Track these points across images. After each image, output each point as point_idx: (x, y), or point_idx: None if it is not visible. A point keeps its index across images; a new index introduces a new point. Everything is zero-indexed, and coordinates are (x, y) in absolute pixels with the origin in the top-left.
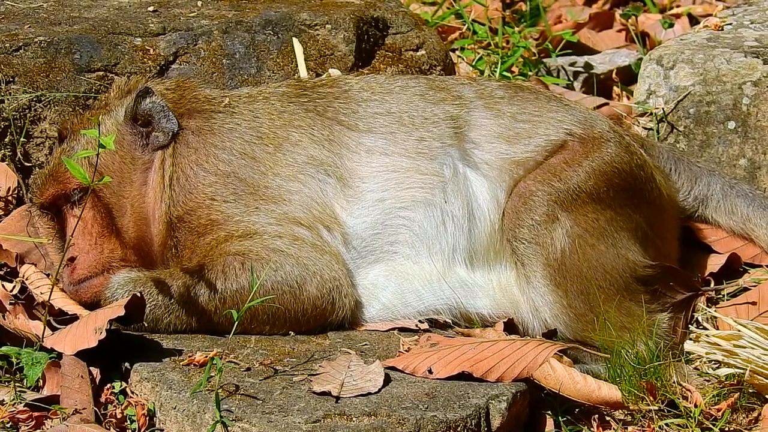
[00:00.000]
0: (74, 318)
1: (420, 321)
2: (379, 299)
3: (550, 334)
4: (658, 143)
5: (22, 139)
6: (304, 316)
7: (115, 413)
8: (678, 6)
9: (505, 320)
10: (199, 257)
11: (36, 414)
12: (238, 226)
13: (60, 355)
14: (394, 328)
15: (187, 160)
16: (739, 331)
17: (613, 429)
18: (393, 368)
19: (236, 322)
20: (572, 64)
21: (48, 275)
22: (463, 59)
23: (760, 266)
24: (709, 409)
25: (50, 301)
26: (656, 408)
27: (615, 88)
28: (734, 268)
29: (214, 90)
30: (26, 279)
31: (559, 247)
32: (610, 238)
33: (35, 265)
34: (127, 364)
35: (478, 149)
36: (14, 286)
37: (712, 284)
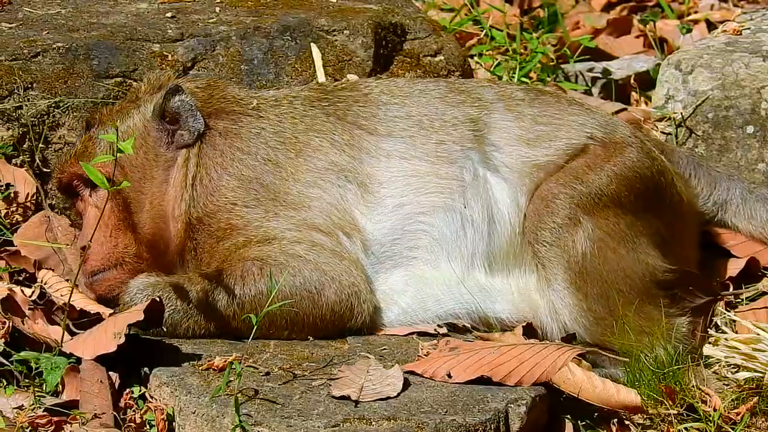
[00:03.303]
0: (94, 322)
1: (439, 325)
2: (398, 303)
3: (569, 339)
4: (678, 148)
5: (40, 145)
6: (322, 322)
7: (135, 418)
8: (696, 12)
9: (524, 324)
10: (217, 262)
11: (55, 419)
12: (257, 231)
13: (79, 360)
14: (412, 333)
15: (212, 162)
16: (758, 334)
17: None
18: (412, 372)
19: (255, 327)
20: (590, 70)
21: (67, 280)
22: (481, 65)
23: None
24: (728, 412)
25: (71, 302)
26: (675, 412)
27: (633, 93)
28: (753, 272)
29: (242, 90)
30: (45, 284)
31: (581, 250)
32: (631, 242)
33: (53, 270)
34: (146, 369)
35: (498, 152)
36: (33, 292)
37: (731, 288)
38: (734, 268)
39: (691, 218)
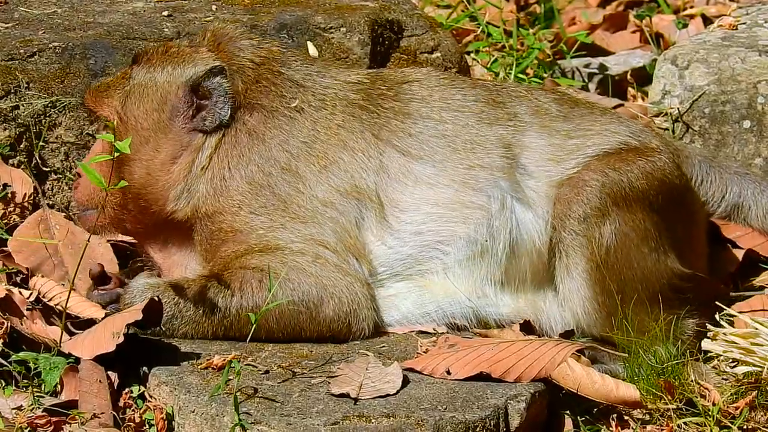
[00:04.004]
0: (92, 322)
1: (437, 325)
2: (398, 308)
3: (568, 334)
4: (692, 149)
5: (40, 144)
6: (319, 335)
7: (134, 417)
8: (692, 6)
9: (521, 321)
10: (218, 267)
11: (54, 419)
12: (260, 240)
13: (78, 360)
14: (411, 331)
15: (229, 161)
16: (756, 329)
17: (632, 428)
18: (411, 370)
19: (249, 336)
20: (587, 66)
21: (62, 284)
22: (477, 61)
23: None
24: (727, 407)
25: (67, 308)
26: (674, 407)
27: (630, 89)
28: (753, 264)
29: (299, 71)
30: (39, 293)
31: (605, 243)
32: (654, 242)
33: (45, 276)
34: (145, 368)
35: (529, 178)
36: (31, 293)
37: (734, 282)
38: (736, 261)
39: (704, 228)
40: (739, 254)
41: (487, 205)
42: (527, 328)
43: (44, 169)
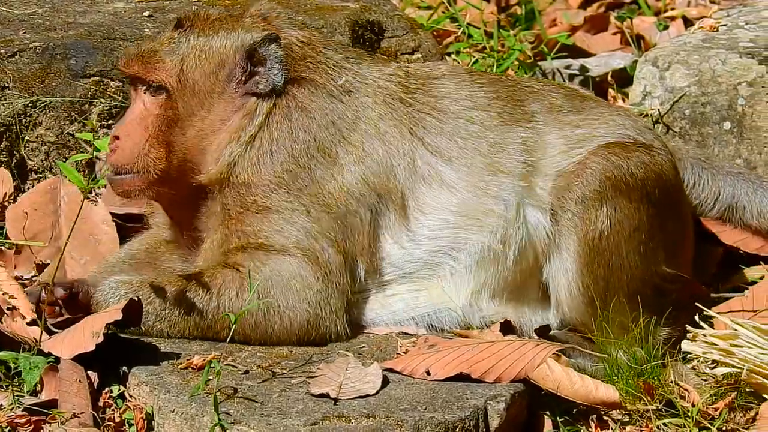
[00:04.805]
0: (72, 322)
1: (417, 324)
2: (391, 308)
3: (543, 330)
4: (687, 152)
5: (23, 143)
6: (295, 344)
7: (114, 417)
8: (672, 8)
9: (502, 321)
10: (207, 260)
11: (34, 418)
12: (273, 229)
13: (58, 360)
14: (392, 332)
15: (278, 134)
16: (736, 330)
17: (611, 429)
18: (391, 370)
19: (228, 338)
20: (568, 67)
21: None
22: (458, 63)
23: (758, 263)
24: (707, 408)
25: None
26: (654, 408)
27: (610, 90)
28: (733, 262)
29: (338, 51)
30: None
31: (600, 227)
32: (645, 235)
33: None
34: (125, 368)
35: (542, 177)
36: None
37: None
38: (717, 258)
39: (692, 229)
40: (720, 251)
41: (504, 212)
42: (507, 328)
43: (25, 169)
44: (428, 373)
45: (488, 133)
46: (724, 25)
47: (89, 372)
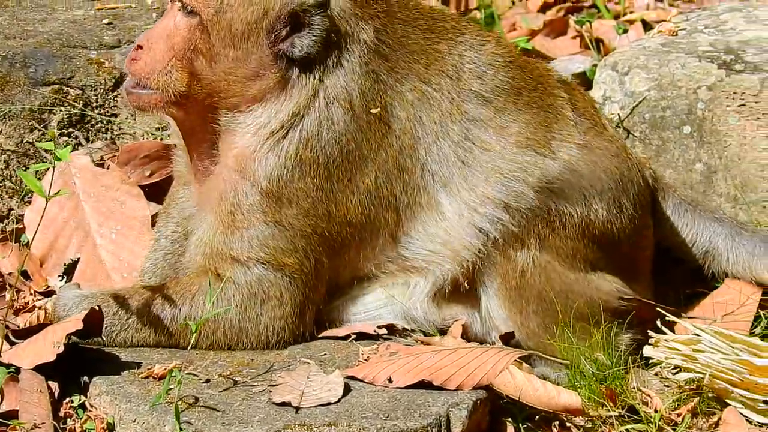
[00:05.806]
0: (32, 332)
1: (378, 326)
2: (365, 304)
3: (507, 338)
4: (672, 190)
5: None
6: (259, 351)
7: (75, 428)
8: (632, 12)
9: (462, 323)
10: (190, 260)
11: None
12: (241, 249)
13: (18, 370)
14: (352, 333)
15: (312, 144)
16: (698, 335)
17: None
18: (353, 378)
19: (190, 345)
20: None
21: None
22: None
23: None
24: (670, 413)
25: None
26: (616, 414)
27: None
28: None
29: (414, 32)
30: None
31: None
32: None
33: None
34: (85, 378)
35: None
36: None
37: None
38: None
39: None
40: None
41: (484, 242)
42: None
43: None
44: (390, 381)
45: (505, 155)
46: (684, 29)
47: (50, 382)
